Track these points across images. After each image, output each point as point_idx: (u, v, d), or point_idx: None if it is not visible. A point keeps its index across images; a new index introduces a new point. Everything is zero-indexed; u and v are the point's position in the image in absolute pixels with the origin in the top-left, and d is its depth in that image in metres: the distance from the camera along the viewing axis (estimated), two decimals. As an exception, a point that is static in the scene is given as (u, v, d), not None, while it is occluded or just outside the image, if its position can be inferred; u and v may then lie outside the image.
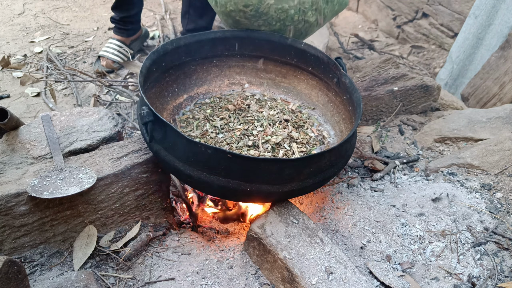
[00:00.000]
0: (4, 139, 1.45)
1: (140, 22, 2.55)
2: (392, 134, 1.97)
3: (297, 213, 1.32)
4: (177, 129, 1.19)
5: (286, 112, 1.67)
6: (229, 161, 1.16)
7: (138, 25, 2.55)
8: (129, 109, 2.22)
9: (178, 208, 1.69)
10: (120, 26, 2.46)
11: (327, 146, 1.60)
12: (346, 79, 1.52)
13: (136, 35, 2.57)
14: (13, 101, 2.26)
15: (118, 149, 1.42)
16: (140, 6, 2.46)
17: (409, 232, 1.43)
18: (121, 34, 2.49)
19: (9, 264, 0.95)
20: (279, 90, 1.82)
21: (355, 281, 1.15)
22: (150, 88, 1.53)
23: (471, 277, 1.28)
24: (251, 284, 1.26)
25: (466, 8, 2.77)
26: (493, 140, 1.73)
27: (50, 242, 1.29)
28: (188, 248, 1.37)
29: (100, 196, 1.31)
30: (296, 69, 1.77)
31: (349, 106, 1.54)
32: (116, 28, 2.49)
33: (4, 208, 1.20)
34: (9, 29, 2.86)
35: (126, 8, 2.39)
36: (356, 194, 1.61)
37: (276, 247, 1.21)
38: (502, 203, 1.53)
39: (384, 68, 2.03)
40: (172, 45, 1.58)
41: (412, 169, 1.76)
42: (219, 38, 1.69)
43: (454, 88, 2.74)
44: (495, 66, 2.36)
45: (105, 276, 1.25)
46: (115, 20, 2.46)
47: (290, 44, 1.69)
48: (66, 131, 1.48)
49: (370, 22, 3.59)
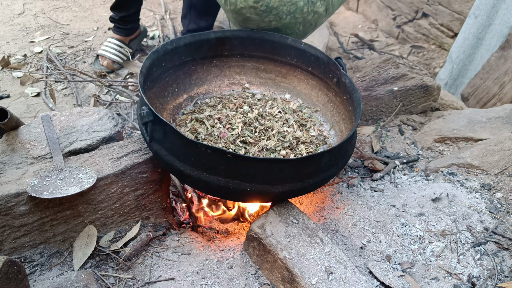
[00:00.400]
0: (4, 139, 1.45)
1: (139, 21, 2.56)
2: (392, 134, 1.97)
3: (297, 213, 1.32)
4: (177, 129, 1.19)
5: (288, 111, 1.67)
6: (229, 161, 1.16)
7: (137, 24, 2.55)
8: (129, 109, 2.22)
9: (178, 208, 1.69)
10: (120, 25, 2.47)
11: (329, 146, 1.60)
12: (346, 79, 1.52)
13: (135, 34, 2.57)
14: (13, 101, 2.26)
15: (118, 149, 1.42)
16: (139, 5, 2.46)
17: (409, 232, 1.43)
18: (120, 33, 2.49)
19: (9, 264, 0.95)
20: (279, 90, 1.82)
21: (355, 281, 1.15)
22: (150, 88, 1.53)
23: (471, 277, 1.28)
24: (251, 284, 1.26)
25: (466, 8, 2.77)
26: (493, 140, 1.73)
27: (50, 242, 1.29)
28: (188, 248, 1.37)
29: (100, 196, 1.31)
30: (296, 69, 1.77)
31: (349, 106, 1.54)
32: (116, 28, 2.49)
33: (4, 208, 1.20)
34: (9, 29, 2.86)
35: (126, 7, 2.39)
36: (356, 194, 1.61)
37: (276, 247, 1.21)
38: (502, 203, 1.53)
39: (384, 68, 2.03)
40: (172, 45, 1.58)
41: (412, 169, 1.76)
42: (219, 38, 1.69)
43: (454, 88, 2.74)
44: (495, 66, 2.36)
45: (105, 276, 1.25)
46: (114, 19, 2.47)
47: (290, 44, 1.69)
48: (66, 131, 1.48)
49: (370, 22, 3.59)
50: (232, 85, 1.83)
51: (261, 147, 1.47)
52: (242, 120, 1.57)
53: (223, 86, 1.81)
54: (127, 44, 2.54)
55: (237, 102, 1.68)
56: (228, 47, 1.75)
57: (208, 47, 1.70)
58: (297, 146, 1.52)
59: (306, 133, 1.59)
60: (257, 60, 1.80)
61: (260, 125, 1.57)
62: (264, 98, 1.76)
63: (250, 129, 1.54)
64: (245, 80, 1.83)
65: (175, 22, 3.05)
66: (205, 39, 1.67)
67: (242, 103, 1.68)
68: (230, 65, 1.80)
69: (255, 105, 1.69)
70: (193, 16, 2.41)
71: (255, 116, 1.61)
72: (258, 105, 1.69)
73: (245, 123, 1.56)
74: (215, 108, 1.67)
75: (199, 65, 1.74)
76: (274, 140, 1.51)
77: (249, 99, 1.72)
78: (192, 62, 1.71)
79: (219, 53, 1.76)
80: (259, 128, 1.55)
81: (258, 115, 1.62)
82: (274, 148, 1.48)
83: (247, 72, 1.83)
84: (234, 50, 1.76)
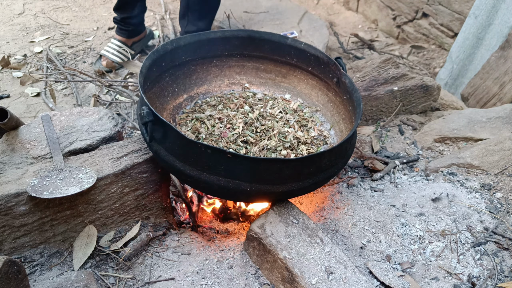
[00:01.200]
0: (4, 139, 1.45)
1: (143, 23, 2.55)
2: (392, 134, 1.97)
3: (297, 213, 1.32)
4: (177, 129, 1.19)
5: (288, 111, 1.67)
6: (229, 161, 1.16)
7: (141, 27, 2.54)
8: (129, 109, 2.22)
9: (178, 208, 1.69)
10: (122, 26, 2.47)
11: (329, 145, 1.60)
12: (346, 79, 1.52)
13: (139, 37, 2.57)
14: (13, 101, 2.26)
15: (118, 149, 1.42)
16: (143, 8, 2.46)
17: (409, 232, 1.43)
18: (122, 34, 2.50)
19: (9, 264, 0.95)
20: (279, 90, 1.82)
21: (355, 281, 1.15)
22: (150, 88, 1.53)
23: (471, 277, 1.28)
24: (251, 284, 1.26)
25: (466, 8, 2.77)
26: (493, 140, 1.73)
27: (50, 242, 1.29)
28: (188, 248, 1.37)
29: (100, 196, 1.31)
30: (296, 69, 1.77)
31: (349, 106, 1.54)
32: (118, 29, 2.50)
33: (4, 208, 1.20)
34: (9, 29, 2.86)
35: (128, 9, 2.39)
36: (356, 194, 1.61)
37: (276, 247, 1.21)
38: (502, 203, 1.53)
39: (384, 68, 2.03)
40: (172, 45, 1.58)
41: (412, 169, 1.76)
42: (219, 38, 1.69)
43: (454, 88, 2.74)
44: (495, 66, 2.36)
45: (105, 276, 1.25)
46: (117, 20, 2.47)
47: (290, 44, 1.69)
48: (66, 131, 1.48)
49: (370, 22, 3.59)
50: (232, 85, 1.83)
51: (262, 147, 1.47)
52: (243, 120, 1.57)
53: (223, 86, 1.81)
54: (129, 46, 2.54)
55: (238, 102, 1.68)
56: (228, 47, 1.75)
57: (208, 47, 1.70)
58: (298, 146, 1.52)
59: (307, 133, 1.59)
60: (257, 60, 1.80)
61: (261, 125, 1.57)
62: (265, 97, 1.76)
63: (251, 129, 1.54)
64: (245, 80, 1.83)
65: (175, 22, 3.05)
66: (205, 39, 1.67)
67: (243, 103, 1.68)
68: (230, 65, 1.80)
69: (255, 105, 1.69)
70: (191, 18, 2.41)
71: (256, 116, 1.61)
72: (258, 105, 1.69)
73: (246, 123, 1.57)
74: (216, 108, 1.67)
75: (199, 65, 1.74)
76: (275, 140, 1.51)
77: (249, 99, 1.72)
78: (192, 62, 1.71)
79: (219, 53, 1.76)
80: (260, 128, 1.55)
81: (259, 115, 1.62)
82: (275, 148, 1.48)
83: (247, 72, 1.83)
84: (234, 50, 1.76)
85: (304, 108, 1.75)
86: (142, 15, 2.50)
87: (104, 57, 2.45)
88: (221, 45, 1.73)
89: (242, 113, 1.62)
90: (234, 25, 2.87)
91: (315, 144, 1.56)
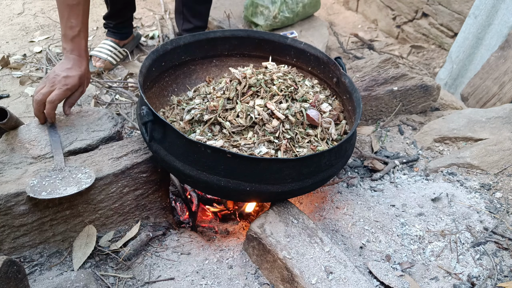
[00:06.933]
0: (3, 138, 1.45)
1: (132, 25, 2.59)
2: (391, 134, 1.97)
3: (296, 213, 1.32)
4: (176, 129, 1.19)
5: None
6: (229, 161, 1.16)
7: (131, 29, 2.59)
8: (129, 109, 2.22)
9: (178, 208, 1.69)
10: (115, 30, 2.50)
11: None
12: (345, 78, 1.52)
13: (128, 39, 2.61)
14: (13, 101, 2.26)
15: (118, 149, 1.41)
16: (133, 10, 2.49)
17: (409, 232, 1.43)
18: (115, 36, 2.52)
19: (9, 264, 0.95)
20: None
21: (354, 281, 1.15)
22: (149, 88, 1.53)
23: (470, 277, 1.28)
24: (251, 284, 1.26)
25: (466, 8, 2.77)
26: (492, 140, 1.73)
27: (50, 242, 1.29)
28: (187, 248, 1.37)
29: (99, 196, 1.31)
30: (296, 69, 1.77)
31: (348, 106, 1.54)
32: (110, 32, 2.52)
33: (4, 208, 1.20)
34: (9, 28, 2.86)
35: (120, 15, 2.44)
36: (356, 194, 1.61)
37: (275, 247, 1.21)
38: (501, 203, 1.53)
39: (383, 68, 2.03)
40: (171, 44, 1.58)
41: (412, 169, 1.76)
42: (219, 38, 1.69)
43: (454, 88, 2.74)
44: (494, 66, 2.36)
45: (104, 276, 1.25)
46: (109, 26, 2.50)
47: (290, 44, 1.69)
48: (65, 131, 1.48)
49: (370, 22, 3.59)
50: (232, 85, 1.82)
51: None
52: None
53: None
54: (120, 47, 2.57)
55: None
56: (228, 47, 1.75)
57: (208, 47, 1.70)
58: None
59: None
60: (257, 60, 1.80)
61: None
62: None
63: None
64: (245, 80, 1.83)
65: (175, 22, 3.05)
66: (205, 39, 1.67)
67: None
68: (230, 65, 1.80)
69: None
70: (187, 15, 2.42)
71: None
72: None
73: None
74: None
75: (199, 65, 1.74)
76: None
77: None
78: (192, 62, 1.71)
79: (219, 53, 1.76)
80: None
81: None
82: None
83: (247, 72, 1.83)
84: (234, 50, 1.76)
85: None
86: (133, 17, 2.56)
87: (95, 58, 2.46)
88: (221, 45, 1.73)
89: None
90: (234, 25, 2.87)
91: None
